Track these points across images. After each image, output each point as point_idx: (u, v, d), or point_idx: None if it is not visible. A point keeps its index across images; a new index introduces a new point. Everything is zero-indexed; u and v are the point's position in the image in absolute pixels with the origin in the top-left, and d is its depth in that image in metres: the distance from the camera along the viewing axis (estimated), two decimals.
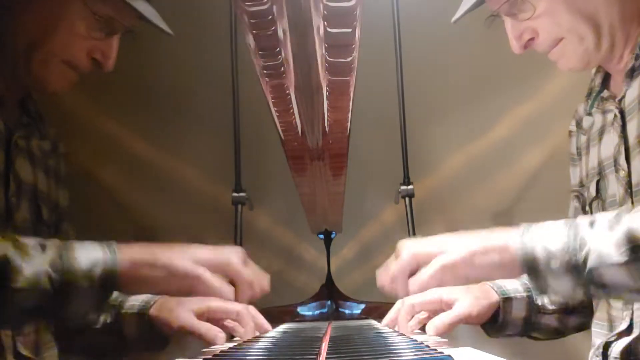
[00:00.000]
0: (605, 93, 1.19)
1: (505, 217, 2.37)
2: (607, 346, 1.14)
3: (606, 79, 1.21)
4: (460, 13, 1.18)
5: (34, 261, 0.88)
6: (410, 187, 1.82)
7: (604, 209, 1.19)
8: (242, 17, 0.85)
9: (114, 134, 2.34)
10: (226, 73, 1.85)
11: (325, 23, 0.83)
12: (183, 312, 1.08)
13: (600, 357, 1.16)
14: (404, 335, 1.12)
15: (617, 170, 1.13)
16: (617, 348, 1.12)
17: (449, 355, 0.71)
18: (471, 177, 2.43)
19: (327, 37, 0.86)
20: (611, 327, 1.15)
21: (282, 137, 1.34)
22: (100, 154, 2.33)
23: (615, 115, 1.13)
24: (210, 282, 0.94)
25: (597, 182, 1.20)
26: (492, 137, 2.43)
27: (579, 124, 1.30)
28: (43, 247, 0.90)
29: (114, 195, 2.34)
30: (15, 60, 1.11)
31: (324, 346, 0.93)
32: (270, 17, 0.84)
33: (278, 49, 0.92)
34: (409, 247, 1.01)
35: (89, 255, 0.91)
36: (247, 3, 0.81)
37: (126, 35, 1.18)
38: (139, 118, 2.37)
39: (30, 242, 0.91)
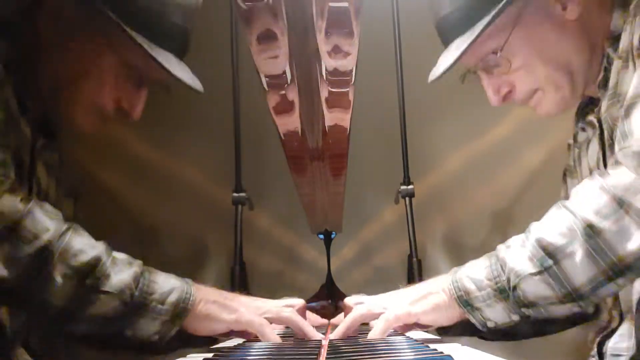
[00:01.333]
0: (589, 107, 1.21)
1: (505, 216, 2.37)
2: (601, 344, 1.15)
3: (592, 100, 1.23)
4: (438, 73, 1.19)
5: (122, 272, 0.92)
6: (410, 187, 1.82)
7: None
8: (243, 18, 0.85)
9: (115, 134, 2.34)
10: (227, 73, 1.84)
11: (326, 23, 0.83)
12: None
13: (596, 357, 1.17)
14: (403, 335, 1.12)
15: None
16: (609, 345, 1.12)
17: (449, 355, 0.71)
18: (471, 177, 2.43)
19: (327, 37, 0.87)
20: (604, 327, 1.16)
21: (282, 137, 1.34)
22: (101, 154, 2.33)
23: (595, 125, 1.15)
24: (268, 336, 1.01)
25: None
26: (492, 137, 2.43)
27: (575, 138, 1.32)
28: (130, 263, 0.96)
29: (114, 195, 2.34)
30: (44, 98, 1.12)
31: (324, 346, 0.94)
32: (270, 18, 0.84)
33: (278, 49, 0.92)
34: (357, 309, 1.09)
35: (168, 281, 0.97)
36: (247, 3, 0.81)
37: (161, 88, 1.20)
38: (140, 119, 2.37)
39: (120, 255, 0.96)
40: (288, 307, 1.09)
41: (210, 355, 0.85)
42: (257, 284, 1.97)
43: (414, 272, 1.74)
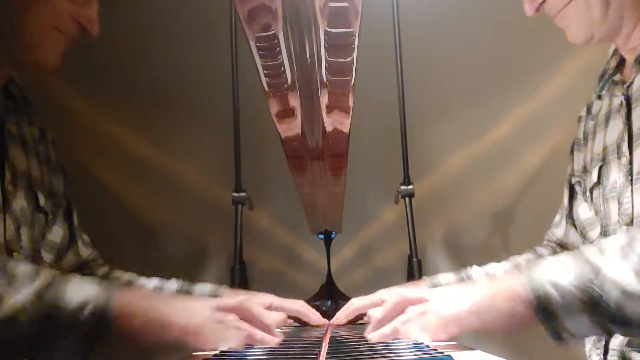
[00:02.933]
0: (617, 77, 1.17)
1: (505, 217, 2.37)
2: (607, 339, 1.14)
3: (621, 63, 1.20)
4: None
5: (20, 291, 0.82)
6: (410, 187, 1.81)
7: (604, 195, 1.17)
8: (243, 18, 0.85)
9: (115, 134, 2.34)
10: (226, 73, 1.84)
11: (326, 23, 0.83)
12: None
13: (601, 350, 1.16)
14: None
15: (619, 157, 1.11)
16: (615, 341, 1.11)
17: (449, 356, 0.71)
18: (471, 177, 2.43)
19: (327, 37, 0.86)
20: None
21: (282, 137, 1.34)
22: (101, 154, 2.33)
23: (621, 102, 1.12)
24: (212, 337, 0.90)
25: (600, 168, 1.19)
26: (492, 137, 2.43)
27: (589, 109, 1.28)
28: (34, 277, 0.84)
29: (115, 194, 2.34)
30: (5, 33, 1.09)
31: (324, 346, 0.93)
32: (270, 18, 0.84)
33: (278, 49, 0.92)
34: (394, 293, 0.97)
35: (80, 293, 0.85)
36: (247, 4, 0.81)
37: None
38: (139, 118, 2.37)
39: (22, 268, 0.85)
40: (225, 309, 0.95)
41: (209, 356, 0.84)
42: (257, 284, 1.97)
43: (414, 272, 1.74)
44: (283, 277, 2.46)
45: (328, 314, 2.14)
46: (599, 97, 1.22)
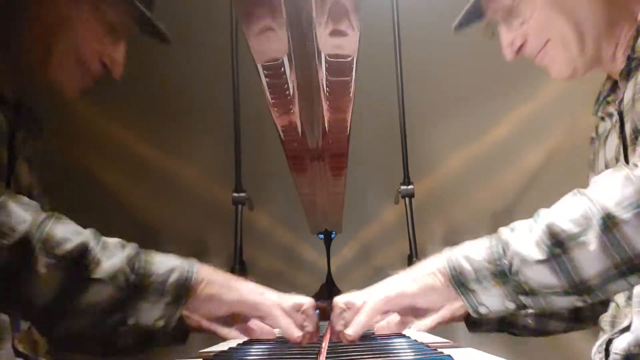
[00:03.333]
0: (611, 97, 1.20)
1: (505, 217, 2.37)
2: (609, 342, 1.15)
3: (615, 84, 1.23)
4: (460, 17, 1.20)
5: (113, 256, 0.87)
6: (410, 187, 1.81)
7: None
8: (243, 18, 0.85)
9: (115, 134, 2.34)
10: (227, 74, 1.84)
11: (326, 23, 0.83)
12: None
13: (603, 354, 1.16)
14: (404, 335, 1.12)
15: None
16: (618, 344, 1.12)
17: (449, 356, 0.71)
18: (471, 177, 2.43)
19: (327, 38, 0.87)
20: (614, 324, 1.15)
21: (282, 137, 1.34)
22: (101, 154, 2.33)
23: (616, 119, 1.15)
24: (280, 318, 0.94)
25: None
26: (491, 138, 2.43)
27: (596, 130, 1.31)
28: (123, 246, 0.90)
29: (115, 195, 2.34)
30: (33, 61, 1.12)
31: (324, 346, 0.93)
32: (270, 19, 0.84)
33: (278, 50, 0.92)
34: (341, 298, 1.01)
35: (167, 262, 0.91)
36: (247, 5, 0.81)
37: (132, 43, 1.19)
38: (140, 119, 2.37)
39: (110, 239, 0.90)
40: (296, 306, 0.98)
41: (210, 356, 0.85)
42: (257, 283, 1.97)
43: None
44: (283, 277, 2.46)
45: (328, 314, 2.14)
46: (602, 118, 1.25)
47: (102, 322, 0.87)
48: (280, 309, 0.96)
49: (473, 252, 0.91)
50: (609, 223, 0.82)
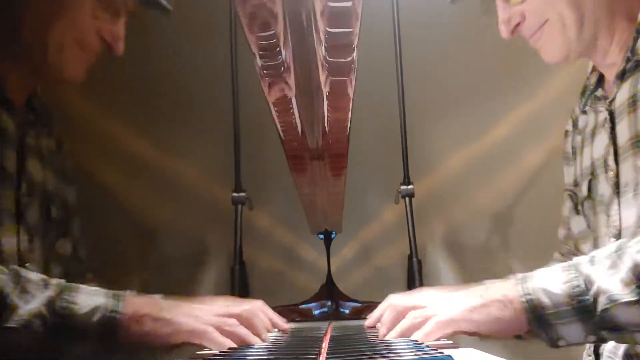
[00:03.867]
0: (599, 92, 1.20)
1: (505, 217, 2.37)
2: (597, 346, 1.15)
3: (601, 79, 1.22)
4: None
5: (32, 299, 0.85)
6: (410, 187, 1.81)
7: (594, 208, 1.19)
8: (241, 17, 0.84)
9: (115, 133, 2.34)
10: (226, 73, 1.84)
11: (325, 23, 0.83)
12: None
13: (592, 357, 1.16)
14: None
15: (606, 171, 1.14)
16: (608, 345, 1.12)
17: (449, 356, 0.71)
18: (471, 177, 2.43)
19: (327, 37, 0.86)
20: None
21: (282, 137, 1.34)
22: (101, 154, 2.32)
23: (605, 117, 1.14)
24: (217, 339, 0.93)
25: (589, 182, 1.21)
26: (492, 137, 2.43)
27: (575, 124, 1.30)
28: (45, 286, 0.88)
29: (114, 194, 2.34)
30: (31, 48, 1.11)
31: (324, 346, 0.93)
32: (269, 17, 0.84)
33: (278, 49, 0.92)
34: (397, 300, 1.02)
35: (90, 300, 0.89)
36: (246, 4, 0.81)
37: (131, 18, 1.18)
38: (139, 118, 2.37)
39: (33, 277, 0.88)
40: (228, 315, 1.00)
41: (209, 356, 0.84)
42: (257, 284, 1.97)
43: (414, 272, 1.74)
44: (283, 277, 2.45)
45: (328, 314, 2.14)
46: (584, 112, 1.24)
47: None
48: (214, 327, 0.94)
49: (551, 284, 0.88)
50: None
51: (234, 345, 0.95)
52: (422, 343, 0.92)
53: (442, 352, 0.76)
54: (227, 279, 1.77)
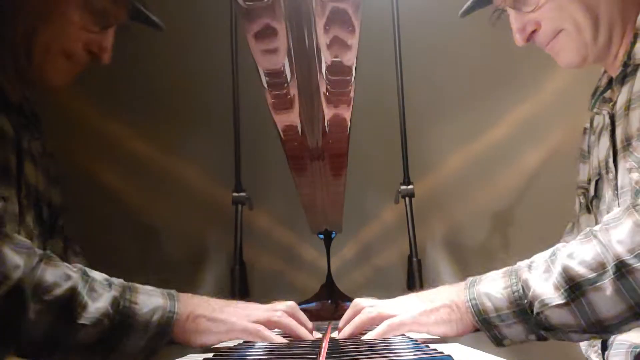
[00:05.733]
0: (607, 94, 1.21)
1: (505, 217, 2.37)
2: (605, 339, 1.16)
3: (611, 81, 1.22)
4: (467, 5, 1.21)
5: (100, 298, 0.90)
6: (410, 187, 1.81)
7: (599, 207, 1.21)
8: (242, 17, 0.85)
9: (115, 133, 2.34)
10: (226, 73, 1.84)
11: (325, 22, 0.83)
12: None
13: (599, 346, 1.17)
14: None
15: (607, 172, 1.15)
16: (620, 336, 1.12)
17: (449, 355, 0.71)
18: (471, 177, 2.43)
19: (327, 37, 0.86)
20: None
21: (282, 137, 1.34)
22: (101, 154, 2.33)
23: (607, 120, 1.15)
24: (269, 335, 1.00)
25: (597, 182, 1.22)
26: (492, 137, 2.43)
27: (591, 122, 1.31)
28: (109, 285, 0.93)
29: (114, 195, 2.34)
30: (17, 53, 1.12)
31: (324, 346, 0.93)
32: (270, 17, 0.84)
33: (278, 49, 0.92)
34: (368, 311, 1.07)
35: (150, 300, 0.94)
36: (247, 3, 0.81)
37: (122, 30, 1.19)
38: (139, 118, 2.37)
39: (97, 276, 0.93)
40: (277, 310, 1.07)
41: (210, 355, 0.85)
42: (257, 284, 1.97)
43: (414, 272, 1.74)
44: (283, 277, 2.46)
45: (328, 314, 2.14)
46: (597, 112, 1.25)
47: (86, 357, 0.91)
48: (264, 322, 1.02)
49: (493, 289, 0.95)
50: (623, 270, 0.85)
51: (283, 340, 1.01)
52: (422, 343, 0.92)
53: (442, 352, 0.77)
54: (227, 279, 1.77)
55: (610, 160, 1.13)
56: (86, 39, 1.14)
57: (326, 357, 0.79)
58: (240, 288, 1.71)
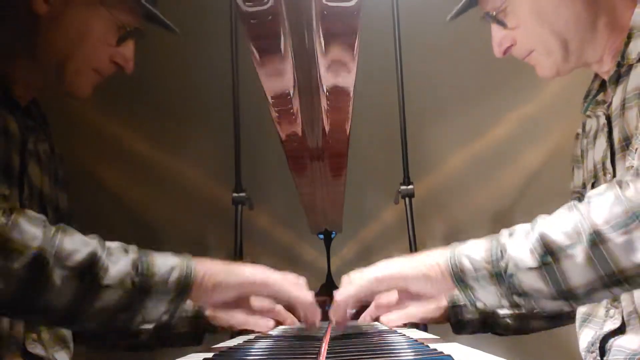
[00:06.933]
0: (600, 97, 1.22)
1: (505, 216, 2.37)
2: (602, 343, 1.16)
3: (603, 84, 1.24)
4: (455, 11, 1.24)
5: (119, 261, 0.91)
6: (410, 187, 1.82)
7: None
8: (243, 18, 0.85)
9: (116, 134, 2.34)
10: (227, 74, 1.85)
11: (326, 23, 0.83)
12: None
13: (597, 352, 1.17)
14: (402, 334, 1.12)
15: (604, 174, 1.17)
16: (619, 342, 1.12)
17: (449, 355, 0.71)
18: (471, 177, 2.43)
19: (327, 37, 0.87)
20: (598, 324, 1.16)
21: (282, 137, 1.34)
22: (102, 154, 2.33)
23: (604, 121, 1.16)
24: (285, 287, 0.98)
25: (593, 184, 1.23)
26: (492, 137, 2.44)
27: (583, 127, 1.33)
28: (125, 250, 0.94)
29: (115, 194, 2.34)
30: (48, 72, 1.15)
31: (324, 346, 0.94)
32: (270, 17, 0.84)
33: (278, 50, 0.92)
34: (340, 293, 1.04)
35: (166, 261, 0.95)
36: (247, 3, 0.81)
37: (139, 38, 1.23)
38: (140, 118, 2.37)
39: (114, 244, 0.94)
40: (302, 286, 1.02)
41: (210, 355, 0.85)
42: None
43: None
44: None
45: (328, 314, 2.14)
46: (589, 116, 1.27)
47: (112, 321, 0.92)
48: (288, 282, 1.00)
49: (474, 251, 0.97)
50: (597, 239, 0.87)
51: (299, 293, 0.99)
52: (422, 343, 0.92)
53: (442, 352, 0.77)
54: None
55: (608, 161, 1.14)
56: (111, 52, 1.19)
57: (326, 357, 0.80)
58: None
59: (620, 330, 1.12)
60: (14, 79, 1.15)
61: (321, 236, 2.28)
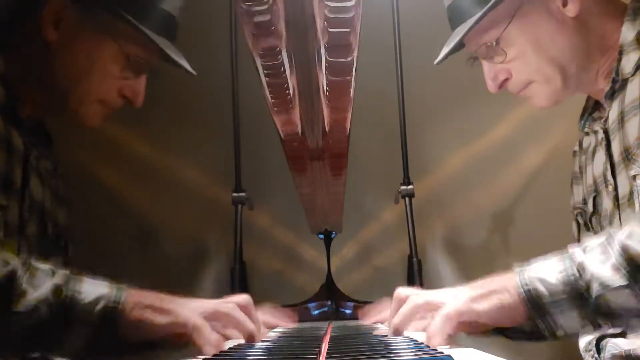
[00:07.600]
0: (596, 114, 1.24)
1: (505, 217, 2.37)
2: (598, 342, 1.16)
3: (598, 102, 1.25)
4: (442, 55, 1.26)
5: (40, 286, 0.87)
6: (410, 187, 1.81)
7: (600, 222, 1.22)
8: (242, 17, 0.85)
9: (115, 134, 2.34)
10: (226, 73, 1.84)
11: (325, 23, 0.83)
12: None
13: (594, 350, 1.17)
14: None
15: (606, 186, 1.17)
16: (614, 340, 1.13)
17: (449, 356, 0.71)
18: (471, 177, 2.43)
19: (327, 37, 0.87)
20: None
21: (282, 137, 1.34)
22: (101, 154, 2.33)
23: (602, 136, 1.17)
24: (208, 336, 0.93)
25: (594, 198, 1.24)
26: (492, 137, 2.43)
27: (580, 145, 1.33)
28: (53, 274, 0.90)
29: (115, 195, 2.34)
30: (54, 98, 1.15)
31: (324, 346, 0.94)
32: (270, 17, 0.84)
33: (278, 49, 0.92)
34: (414, 299, 1.01)
35: (94, 290, 0.91)
36: (247, 3, 0.81)
37: (152, 73, 1.23)
38: (139, 118, 2.37)
39: (42, 266, 0.91)
40: (228, 302, 1.01)
41: (209, 356, 0.85)
42: (257, 284, 1.97)
43: (414, 272, 1.74)
44: (283, 277, 2.46)
45: (328, 314, 2.14)
46: (587, 133, 1.28)
47: (27, 348, 0.88)
48: (212, 312, 0.96)
49: (547, 273, 0.91)
50: None
51: (222, 343, 0.95)
52: (422, 343, 0.92)
53: (442, 352, 0.77)
54: (227, 279, 1.77)
55: (609, 173, 1.15)
56: (120, 85, 1.18)
57: (326, 357, 0.79)
58: (240, 288, 1.71)
59: (621, 335, 1.12)
60: (23, 101, 1.15)
61: (321, 236, 2.28)
